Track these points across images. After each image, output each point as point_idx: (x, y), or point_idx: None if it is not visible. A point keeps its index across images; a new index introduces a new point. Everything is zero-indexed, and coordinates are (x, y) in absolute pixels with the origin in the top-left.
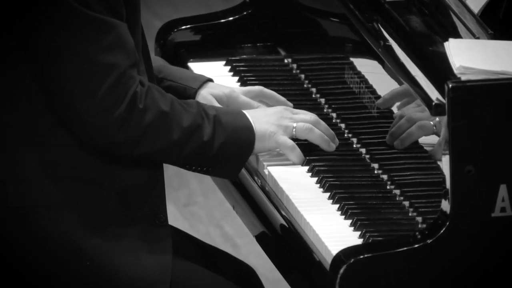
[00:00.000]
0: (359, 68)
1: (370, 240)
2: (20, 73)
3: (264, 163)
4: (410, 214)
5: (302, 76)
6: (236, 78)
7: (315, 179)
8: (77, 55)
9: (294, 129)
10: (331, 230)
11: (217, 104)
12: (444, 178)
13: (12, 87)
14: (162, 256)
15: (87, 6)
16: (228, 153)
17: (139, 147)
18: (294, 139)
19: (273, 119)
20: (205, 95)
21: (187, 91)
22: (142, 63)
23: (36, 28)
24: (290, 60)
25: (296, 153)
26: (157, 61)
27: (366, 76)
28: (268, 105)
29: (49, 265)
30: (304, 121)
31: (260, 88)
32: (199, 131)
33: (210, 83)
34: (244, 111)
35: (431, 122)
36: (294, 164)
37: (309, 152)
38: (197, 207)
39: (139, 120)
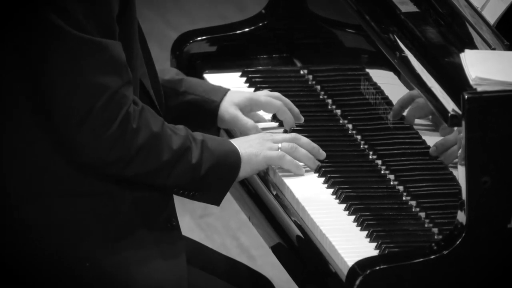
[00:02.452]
0: (375, 79)
1: (386, 251)
2: (23, 91)
3: (280, 174)
4: (426, 225)
5: (318, 87)
6: (252, 89)
7: (331, 190)
8: (68, 77)
9: (279, 149)
10: (347, 241)
11: (241, 115)
12: (460, 189)
13: (21, 104)
14: (176, 265)
15: (78, 28)
16: (215, 177)
17: (131, 167)
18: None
19: (255, 142)
20: (227, 107)
21: (210, 104)
22: (146, 77)
23: (29, 50)
24: (306, 71)
25: (288, 160)
26: (175, 74)
27: (382, 87)
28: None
29: (65, 281)
30: (284, 139)
31: (278, 94)
32: (188, 154)
33: (229, 93)
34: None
35: None
36: (299, 173)
37: (325, 163)
38: (213, 218)
39: (132, 139)
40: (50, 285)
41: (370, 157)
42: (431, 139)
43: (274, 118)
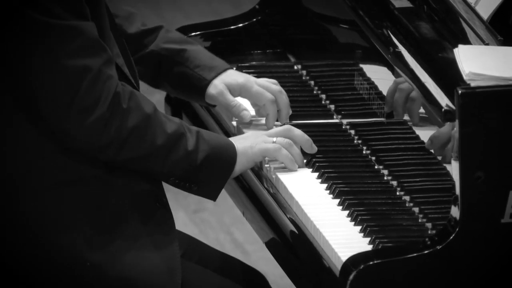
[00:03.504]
0: (368, 74)
1: (380, 246)
2: (2, 84)
3: (274, 169)
4: (419, 220)
5: (312, 82)
6: None
7: (325, 185)
8: (48, 64)
9: (274, 143)
10: (341, 236)
11: (227, 93)
12: (453, 184)
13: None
14: (169, 255)
15: (49, 15)
16: (211, 168)
17: (125, 150)
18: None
19: (250, 139)
20: (216, 84)
21: (200, 81)
22: (120, 57)
23: (3, 44)
24: (299, 66)
25: (283, 153)
26: (179, 43)
27: (376, 83)
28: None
29: (61, 276)
30: (277, 132)
31: (279, 89)
32: (183, 140)
33: (227, 71)
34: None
35: None
36: (292, 168)
37: (318, 158)
38: (207, 213)
39: (123, 120)
40: (41, 279)
41: (364, 152)
42: (425, 134)
43: None
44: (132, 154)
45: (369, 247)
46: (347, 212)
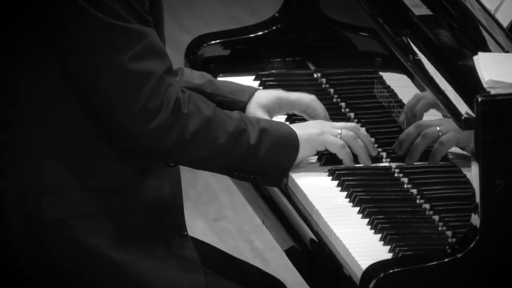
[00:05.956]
0: (388, 82)
1: (400, 255)
2: (47, 85)
3: (294, 177)
4: (440, 228)
5: (332, 90)
6: None
7: (345, 193)
8: (112, 66)
9: (339, 135)
10: (361, 244)
11: (267, 117)
12: (473, 192)
13: (38, 99)
14: (192, 272)
15: (116, 17)
16: (275, 158)
17: (188, 153)
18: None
19: (315, 126)
20: (254, 110)
21: (237, 105)
22: None
23: (67, 44)
24: (319, 74)
25: (347, 152)
26: (202, 77)
27: (396, 90)
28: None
29: (83, 276)
30: (345, 127)
31: (313, 98)
32: (245, 135)
33: (256, 94)
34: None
35: (438, 128)
36: (345, 164)
37: (338, 166)
38: (226, 221)
39: (185, 125)
40: (66, 281)
41: (384, 160)
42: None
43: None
44: (196, 156)
45: (389, 255)
46: (367, 220)
